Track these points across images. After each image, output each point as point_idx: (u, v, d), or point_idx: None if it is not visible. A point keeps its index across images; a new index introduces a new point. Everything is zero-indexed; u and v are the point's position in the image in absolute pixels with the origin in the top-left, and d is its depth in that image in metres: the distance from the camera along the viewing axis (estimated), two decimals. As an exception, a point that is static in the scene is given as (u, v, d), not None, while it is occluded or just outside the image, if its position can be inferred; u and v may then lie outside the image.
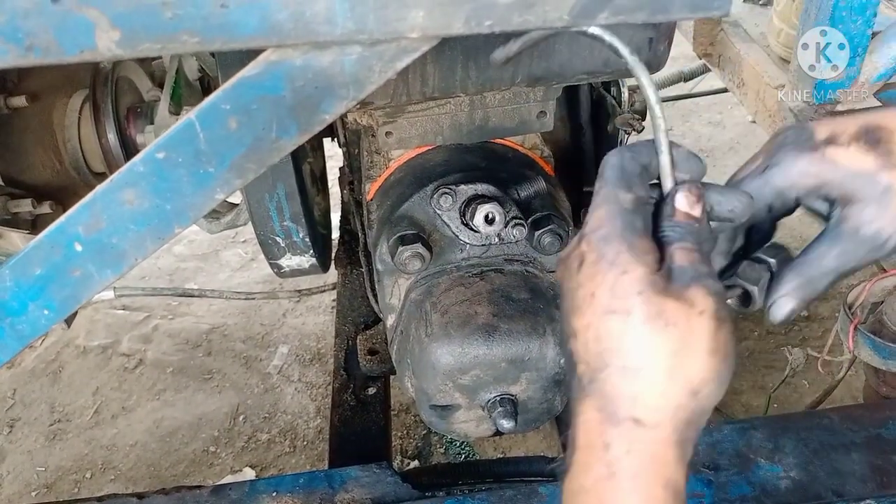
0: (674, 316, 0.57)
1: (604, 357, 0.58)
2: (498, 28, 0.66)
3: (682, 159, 0.65)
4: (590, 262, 0.60)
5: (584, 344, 0.59)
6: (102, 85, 1.58)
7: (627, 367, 0.57)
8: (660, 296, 0.57)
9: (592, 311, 0.59)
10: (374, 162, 1.23)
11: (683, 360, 0.57)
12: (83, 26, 0.62)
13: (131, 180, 0.74)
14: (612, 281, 0.58)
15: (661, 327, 0.57)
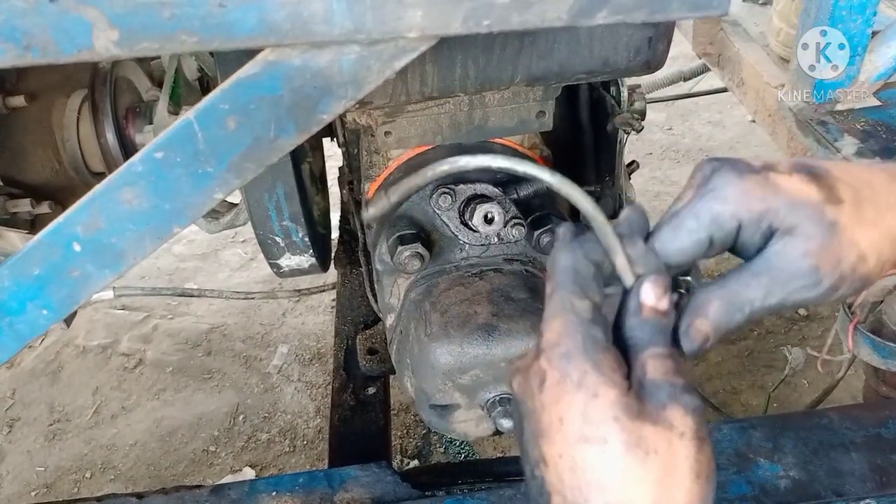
0: (654, 442, 0.53)
1: (583, 491, 0.53)
2: (497, 28, 0.66)
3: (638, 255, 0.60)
4: (553, 382, 0.55)
5: (559, 475, 0.54)
6: (101, 85, 1.58)
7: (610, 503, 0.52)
8: (636, 421, 0.53)
9: (563, 438, 0.54)
10: (374, 162, 1.23)
11: (669, 491, 0.53)
12: (81, 26, 0.62)
13: (130, 180, 0.74)
14: (582, 405, 0.53)
15: (643, 457, 0.52)
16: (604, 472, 0.52)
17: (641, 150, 3.34)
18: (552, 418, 0.54)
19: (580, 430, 0.53)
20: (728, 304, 0.61)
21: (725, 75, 2.06)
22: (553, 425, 0.54)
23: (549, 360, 0.56)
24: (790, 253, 0.59)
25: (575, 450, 0.53)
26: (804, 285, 0.59)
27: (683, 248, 0.62)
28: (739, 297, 0.61)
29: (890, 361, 1.33)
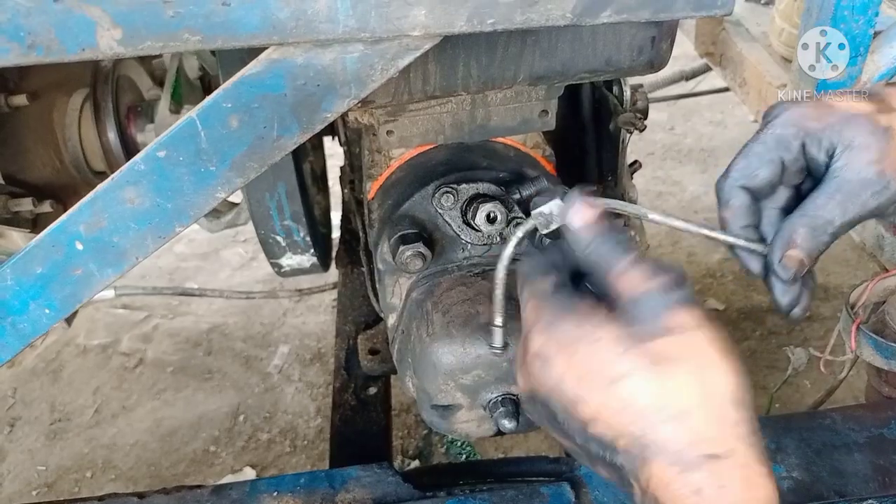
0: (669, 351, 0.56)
1: (639, 422, 0.56)
2: (501, 26, 0.66)
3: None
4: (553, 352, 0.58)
5: (613, 422, 0.57)
6: (103, 83, 1.58)
7: (669, 417, 0.56)
8: (642, 344, 0.57)
9: (594, 390, 0.57)
10: (375, 161, 1.23)
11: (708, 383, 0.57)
12: (85, 24, 0.62)
13: (132, 179, 0.74)
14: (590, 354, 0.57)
15: (668, 367, 0.56)
16: (645, 396, 0.56)
17: (643, 150, 3.34)
18: (573, 382, 0.57)
19: (603, 375, 0.56)
20: (812, 229, 0.66)
21: (727, 75, 2.06)
22: (579, 385, 0.57)
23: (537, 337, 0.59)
24: (854, 164, 0.65)
25: (610, 393, 0.56)
26: (874, 192, 0.65)
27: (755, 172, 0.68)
28: (821, 220, 0.66)
29: (893, 362, 1.33)
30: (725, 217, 0.71)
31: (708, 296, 2.55)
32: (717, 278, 2.62)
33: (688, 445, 0.55)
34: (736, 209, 0.70)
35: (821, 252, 0.67)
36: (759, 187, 0.69)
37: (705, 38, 2.11)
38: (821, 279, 2.55)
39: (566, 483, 1.05)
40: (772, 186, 0.69)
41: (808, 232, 0.66)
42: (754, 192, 0.69)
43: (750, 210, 0.70)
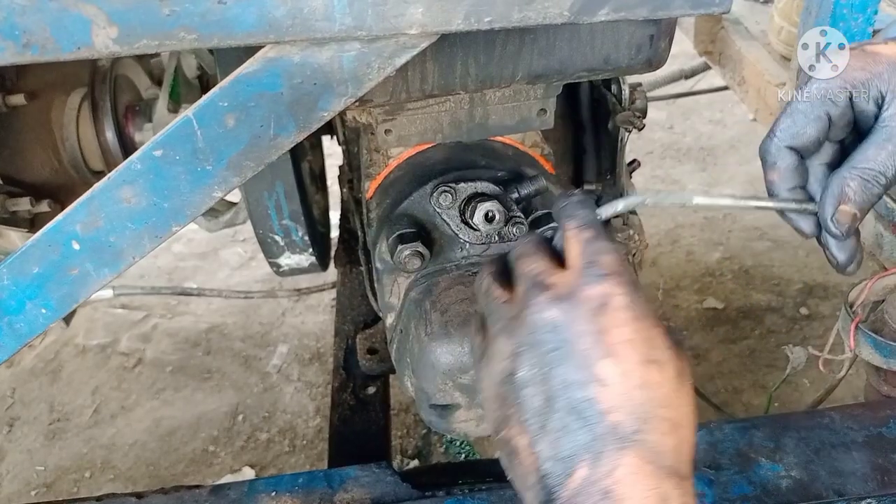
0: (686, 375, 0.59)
1: (650, 407, 0.56)
2: (498, 24, 0.66)
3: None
4: (619, 306, 0.58)
5: (624, 392, 0.56)
6: (101, 83, 1.58)
7: (670, 420, 0.56)
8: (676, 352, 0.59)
9: (632, 358, 0.56)
10: (374, 160, 1.23)
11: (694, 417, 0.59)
12: (80, 23, 0.62)
13: (129, 178, 0.74)
14: (648, 332, 0.58)
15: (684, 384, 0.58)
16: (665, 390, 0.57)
17: (642, 149, 3.34)
18: (618, 339, 0.57)
19: (648, 352, 0.57)
20: (863, 181, 0.64)
21: (726, 74, 2.06)
22: (620, 346, 0.57)
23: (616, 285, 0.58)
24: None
25: (644, 369, 0.56)
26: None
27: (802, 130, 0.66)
28: (872, 171, 0.64)
29: (892, 361, 1.33)
30: (773, 180, 0.70)
31: (707, 294, 2.55)
32: (717, 277, 2.62)
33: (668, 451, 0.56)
34: (783, 171, 0.69)
35: (872, 205, 0.66)
36: (806, 145, 0.67)
37: (704, 36, 2.11)
38: (820, 278, 2.55)
39: (565, 482, 1.05)
40: (818, 143, 0.68)
41: (859, 185, 0.64)
42: (801, 151, 0.68)
43: (797, 171, 0.69)
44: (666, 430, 0.56)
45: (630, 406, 0.56)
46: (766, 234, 2.79)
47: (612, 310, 0.58)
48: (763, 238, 2.78)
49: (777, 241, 2.73)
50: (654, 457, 0.55)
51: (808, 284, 2.53)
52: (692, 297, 2.54)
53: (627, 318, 0.57)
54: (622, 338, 0.57)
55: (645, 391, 0.56)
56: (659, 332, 0.58)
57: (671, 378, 0.57)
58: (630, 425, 0.55)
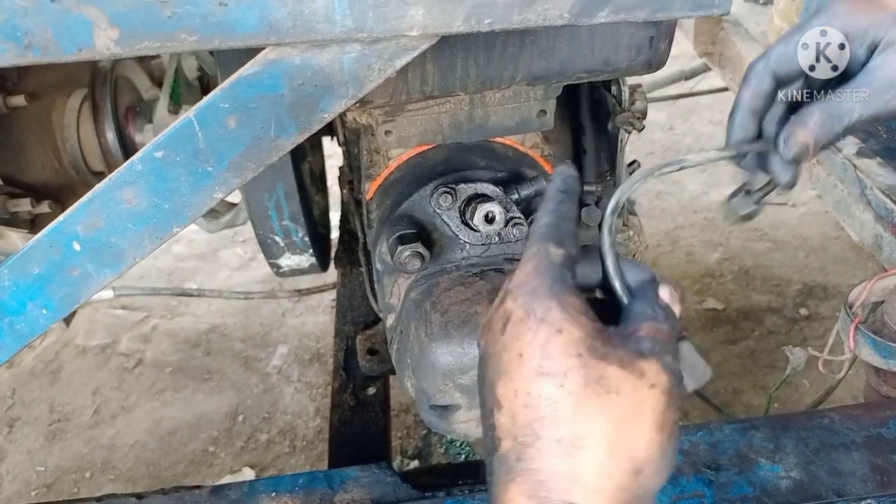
0: (617, 383, 0.50)
1: (535, 428, 0.49)
2: (498, 26, 0.66)
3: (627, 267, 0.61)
4: (516, 319, 0.52)
5: (511, 415, 0.50)
6: (101, 84, 1.58)
7: (563, 440, 0.49)
8: (601, 361, 0.50)
9: (521, 373, 0.51)
10: (374, 161, 1.23)
11: (627, 433, 0.49)
12: (81, 25, 0.62)
13: (130, 179, 0.74)
14: (544, 340, 0.51)
15: (601, 394, 0.49)
16: (558, 405, 0.49)
17: (642, 150, 3.34)
18: (512, 355, 0.52)
19: (539, 363, 0.50)
20: (828, 115, 0.64)
21: (726, 75, 2.06)
22: (512, 362, 0.51)
23: (514, 299, 0.53)
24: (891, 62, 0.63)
25: (531, 384, 0.50)
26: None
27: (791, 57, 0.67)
28: (840, 108, 0.64)
29: (891, 361, 1.33)
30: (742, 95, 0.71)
31: (707, 295, 2.55)
32: (717, 278, 2.62)
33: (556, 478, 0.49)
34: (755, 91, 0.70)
35: (830, 142, 0.65)
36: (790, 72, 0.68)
37: (704, 37, 2.11)
38: (819, 279, 2.55)
39: (565, 483, 1.05)
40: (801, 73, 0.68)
41: (822, 117, 0.64)
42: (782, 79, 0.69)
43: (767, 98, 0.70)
44: (553, 454, 0.49)
45: (515, 430, 0.50)
46: (766, 235, 2.79)
47: (511, 324, 0.53)
48: (763, 239, 2.78)
49: (777, 242, 2.73)
50: (534, 489, 0.49)
51: (808, 285, 2.53)
52: (692, 297, 2.55)
53: (521, 331, 0.52)
54: (515, 352, 0.52)
55: (531, 410, 0.50)
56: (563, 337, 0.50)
57: (572, 390, 0.49)
58: (514, 453, 0.50)
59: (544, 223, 0.58)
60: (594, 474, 0.49)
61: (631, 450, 0.50)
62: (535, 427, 0.49)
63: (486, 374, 0.54)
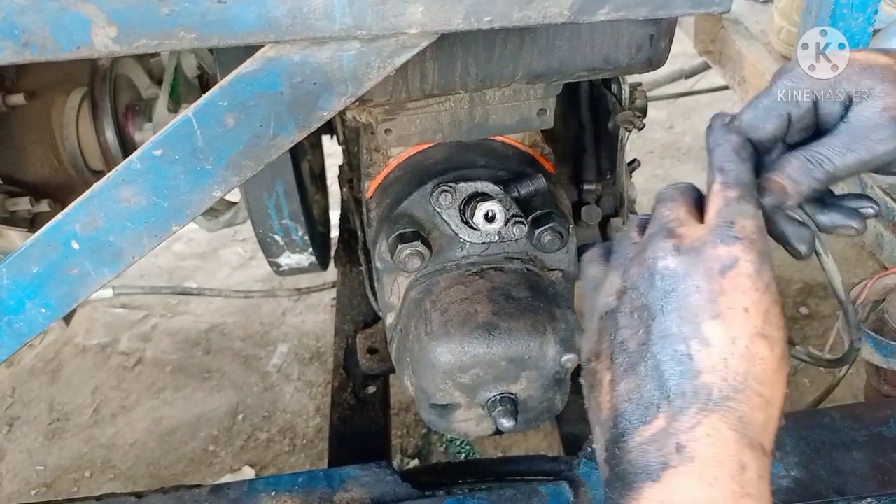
0: (788, 362, 0.58)
1: (746, 378, 0.55)
2: (498, 24, 0.66)
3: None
4: (745, 272, 0.57)
5: (724, 358, 0.55)
6: (101, 82, 1.58)
7: (763, 396, 0.56)
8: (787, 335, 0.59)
9: (743, 327, 0.56)
10: (374, 159, 1.23)
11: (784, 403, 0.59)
12: (79, 23, 0.62)
13: (128, 178, 0.74)
14: (768, 305, 0.57)
15: (785, 368, 0.58)
16: (767, 366, 0.56)
17: (642, 149, 3.33)
18: (734, 305, 0.56)
19: (761, 326, 0.56)
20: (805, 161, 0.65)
21: (727, 73, 2.06)
22: (735, 311, 0.56)
23: (745, 251, 0.57)
24: (867, 111, 0.63)
25: (753, 341, 0.56)
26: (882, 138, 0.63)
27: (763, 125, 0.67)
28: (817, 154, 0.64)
29: (892, 360, 1.33)
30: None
31: (707, 294, 2.54)
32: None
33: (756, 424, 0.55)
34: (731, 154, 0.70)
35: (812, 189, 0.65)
36: (762, 140, 0.68)
37: (704, 35, 2.11)
38: (820, 278, 2.55)
39: (565, 482, 1.05)
40: (774, 140, 0.68)
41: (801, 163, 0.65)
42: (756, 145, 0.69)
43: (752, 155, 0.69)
44: (757, 406, 0.56)
45: (726, 373, 0.55)
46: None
47: (735, 274, 0.57)
48: (763, 238, 2.78)
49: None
50: (740, 426, 0.55)
51: (808, 284, 2.53)
52: (692, 296, 2.54)
53: (749, 287, 0.56)
54: (739, 304, 0.56)
55: (747, 363, 0.55)
56: (778, 309, 0.57)
57: (777, 357, 0.56)
58: (721, 391, 0.55)
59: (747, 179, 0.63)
60: (773, 429, 0.57)
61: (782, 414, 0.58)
62: (747, 378, 0.55)
63: (690, 303, 0.57)
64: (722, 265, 0.57)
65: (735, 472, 0.54)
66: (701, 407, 0.55)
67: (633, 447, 0.56)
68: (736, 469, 0.54)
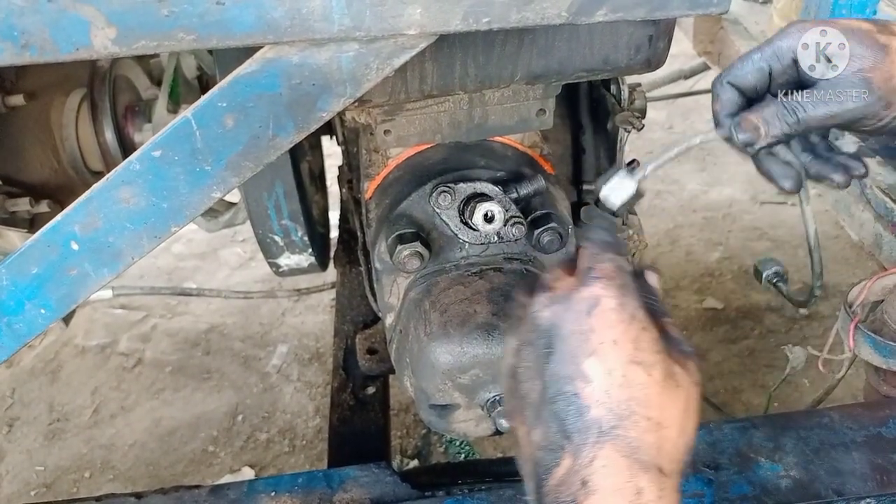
0: (682, 380, 0.62)
1: (630, 405, 0.59)
2: (496, 25, 0.66)
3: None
4: (607, 307, 0.61)
5: (605, 390, 0.59)
6: (100, 83, 1.58)
7: (651, 419, 0.59)
8: (670, 359, 0.62)
9: (615, 357, 0.60)
10: (373, 160, 1.23)
11: (687, 422, 0.62)
12: (79, 24, 0.62)
13: (128, 179, 0.74)
14: (636, 334, 0.61)
15: (674, 387, 0.61)
16: (648, 390, 0.60)
17: (642, 149, 3.33)
18: (604, 339, 0.61)
19: (632, 353, 0.60)
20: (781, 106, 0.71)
21: (726, 74, 2.06)
22: (605, 346, 0.60)
23: (605, 288, 0.62)
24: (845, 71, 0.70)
25: (627, 368, 0.60)
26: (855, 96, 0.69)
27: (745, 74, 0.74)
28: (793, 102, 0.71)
29: (891, 361, 1.33)
30: (715, 109, 0.77)
31: (706, 294, 2.55)
32: (716, 277, 2.62)
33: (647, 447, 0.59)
34: (724, 102, 0.76)
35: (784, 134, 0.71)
36: (745, 88, 0.74)
37: (703, 36, 2.11)
38: (819, 278, 2.55)
39: (564, 482, 1.05)
40: (756, 90, 0.75)
41: (776, 108, 0.71)
42: (742, 92, 0.75)
43: (736, 104, 0.76)
44: (645, 428, 0.59)
45: (610, 403, 0.59)
46: (765, 234, 2.79)
47: (600, 311, 0.61)
48: (763, 238, 2.78)
49: (777, 242, 2.73)
50: (630, 451, 0.58)
51: (808, 284, 2.53)
52: (692, 297, 2.54)
53: (614, 320, 0.61)
54: (608, 338, 0.61)
55: (625, 390, 0.59)
56: (649, 335, 0.61)
57: (657, 380, 0.60)
58: (609, 421, 0.59)
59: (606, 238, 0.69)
60: (671, 448, 0.60)
61: (688, 432, 0.62)
62: (630, 404, 0.59)
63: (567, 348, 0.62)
64: (588, 305, 0.62)
65: (632, 497, 0.58)
66: (595, 440, 0.59)
67: (548, 491, 0.60)
68: (632, 494, 0.58)
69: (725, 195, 3.07)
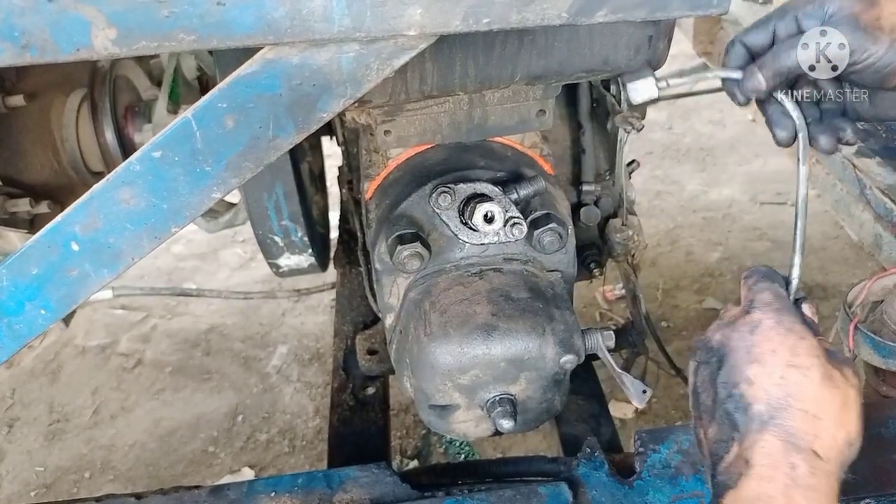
0: (839, 381, 0.73)
1: (787, 400, 0.71)
2: (496, 26, 0.66)
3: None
4: (767, 327, 0.75)
5: (765, 388, 0.72)
6: (100, 84, 1.58)
7: (807, 411, 0.71)
8: (829, 364, 0.74)
9: (774, 363, 0.73)
10: (373, 161, 1.23)
11: (845, 416, 0.73)
12: (79, 24, 0.62)
13: (128, 179, 0.74)
14: (793, 343, 0.74)
15: (832, 387, 0.72)
16: (803, 389, 0.72)
17: (642, 149, 3.34)
18: (764, 350, 0.74)
19: (789, 358, 0.73)
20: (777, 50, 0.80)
21: (725, 74, 2.05)
22: (765, 354, 0.74)
23: (764, 313, 0.77)
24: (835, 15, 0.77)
25: (785, 370, 0.73)
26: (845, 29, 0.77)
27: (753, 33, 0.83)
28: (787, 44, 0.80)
29: (890, 361, 1.33)
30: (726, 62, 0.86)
31: (706, 294, 2.55)
32: (716, 277, 2.62)
33: (803, 434, 0.70)
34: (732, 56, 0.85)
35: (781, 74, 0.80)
36: (754, 46, 0.83)
37: (703, 37, 2.11)
38: (819, 278, 2.55)
39: (564, 483, 1.05)
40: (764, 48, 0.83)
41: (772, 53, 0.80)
42: (751, 50, 0.83)
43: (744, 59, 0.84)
44: (800, 418, 0.71)
45: (769, 399, 0.72)
46: (765, 235, 2.79)
47: (761, 330, 0.75)
48: (762, 238, 2.78)
49: (776, 242, 2.73)
50: (786, 436, 0.70)
51: (807, 285, 2.53)
52: (691, 297, 2.54)
53: (773, 335, 0.74)
54: (768, 348, 0.74)
55: (783, 388, 0.72)
56: (806, 343, 0.73)
57: (814, 380, 0.72)
58: (769, 413, 0.72)
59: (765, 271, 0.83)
60: (827, 437, 0.71)
61: (847, 428, 0.73)
62: (788, 399, 0.72)
63: (733, 360, 0.76)
64: (751, 327, 0.76)
65: (787, 470, 0.69)
66: (757, 429, 0.72)
67: (721, 471, 0.74)
68: (787, 468, 0.69)
69: (725, 195, 3.08)
